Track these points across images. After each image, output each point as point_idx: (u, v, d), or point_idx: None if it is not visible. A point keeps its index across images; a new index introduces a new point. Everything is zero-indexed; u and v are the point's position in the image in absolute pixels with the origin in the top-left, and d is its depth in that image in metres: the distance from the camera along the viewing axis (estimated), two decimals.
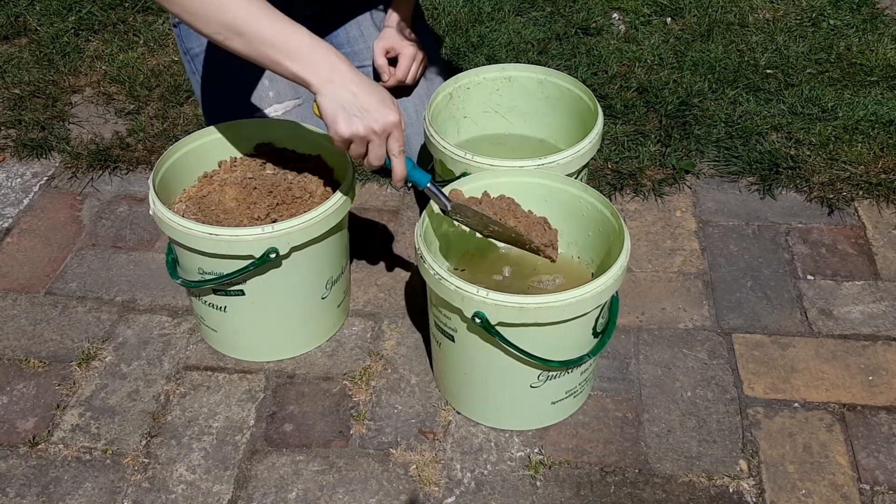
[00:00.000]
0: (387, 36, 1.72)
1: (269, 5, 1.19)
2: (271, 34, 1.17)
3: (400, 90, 1.74)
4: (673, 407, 1.40)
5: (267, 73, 1.68)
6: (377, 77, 1.73)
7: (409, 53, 1.69)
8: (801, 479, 1.29)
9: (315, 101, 1.19)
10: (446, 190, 1.32)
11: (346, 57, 1.78)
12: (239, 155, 1.53)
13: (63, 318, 1.57)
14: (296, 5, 1.77)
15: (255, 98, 1.66)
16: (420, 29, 1.78)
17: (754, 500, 1.27)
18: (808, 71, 2.17)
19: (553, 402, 1.33)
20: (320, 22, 1.86)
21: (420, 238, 1.27)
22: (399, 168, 1.24)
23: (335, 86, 1.17)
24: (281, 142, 1.53)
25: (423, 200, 1.82)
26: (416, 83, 1.74)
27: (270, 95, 1.67)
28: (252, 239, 1.29)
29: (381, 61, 1.70)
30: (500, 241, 1.39)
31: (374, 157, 1.21)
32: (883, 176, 1.83)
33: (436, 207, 1.32)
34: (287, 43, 1.17)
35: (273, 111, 1.66)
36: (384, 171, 1.26)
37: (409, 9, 1.75)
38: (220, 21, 1.17)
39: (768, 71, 2.18)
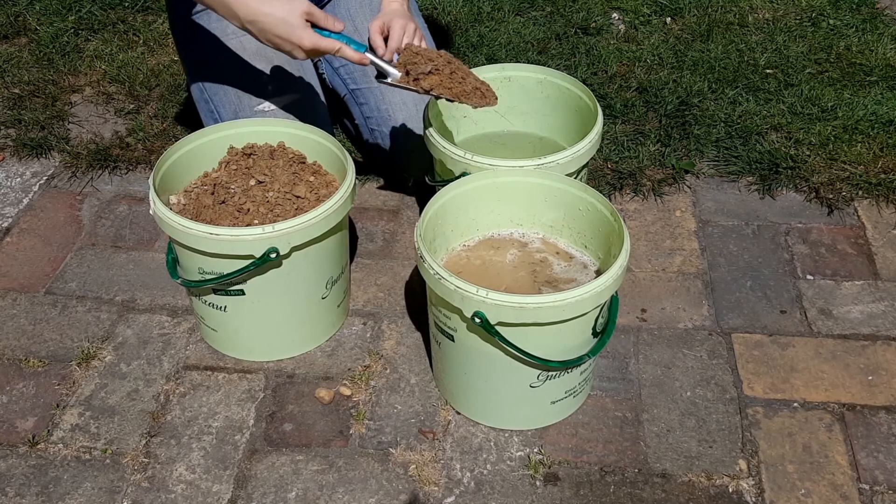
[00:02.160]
0: (380, 15, 1.72)
1: None
2: None
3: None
4: (672, 407, 1.40)
5: (266, 68, 1.68)
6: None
7: (398, 25, 1.68)
8: (800, 479, 1.29)
9: None
10: None
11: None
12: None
13: (63, 317, 1.57)
14: None
15: (254, 92, 1.66)
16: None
17: (754, 499, 1.27)
18: (808, 71, 2.17)
19: (553, 402, 1.33)
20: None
21: (420, 238, 1.27)
22: (350, 55, 1.41)
23: (252, 36, 1.39)
24: (280, 141, 1.54)
25: (422, 200, 1.82)
26: None
27: (269, 90, 1.67)
28: (252, 239, 1.29)
29: (376, 39, 1.70)
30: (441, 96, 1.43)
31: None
32: (882, 176, 1.83)
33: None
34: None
35: (273, 104, 1.66)
36: None
37: None
38: None
39: (768, 71, 2.18)
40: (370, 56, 1.41)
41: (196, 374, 1.47)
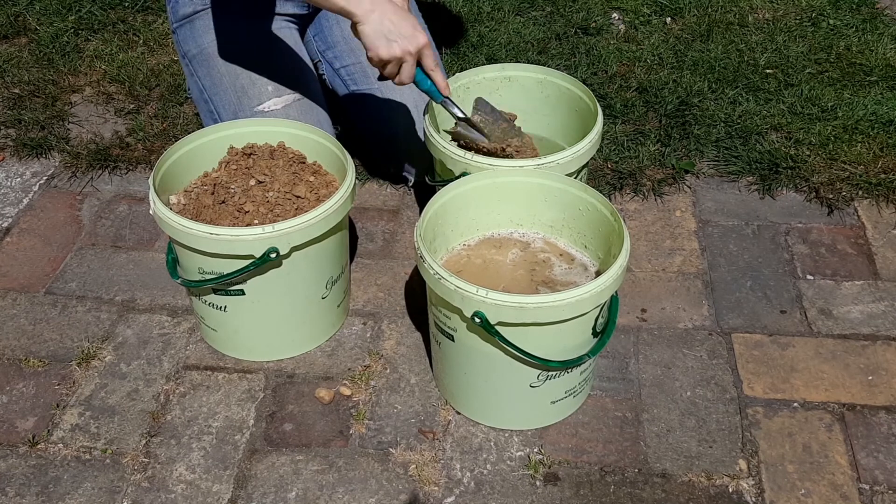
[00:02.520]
0: None
1: None
2: None
3: None
4: (672, 407, 1.40)
5: (266, 68, 1.68)
6: None
7: None
8: (800, 479, 1.29)
9: (356, 28, 1.37)
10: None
11: (336, 57, 1.78)
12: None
13: (63, 317, 1.57)
14: (288, 6, 1.77)
15: (254, 93, 1.66)
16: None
17: (754, 499, 1.27)
18: (808, 71, 2.17)
19: (553, 402, 1.33)
20: (310, 24, 1.86)
21: (420, 238, 1.27)
22: (439, 79, 1.43)
23: (376, 15, 1.34)
24: (280, 141, 1.54)
25: (422, 200, 1.82)
26: None
27: (269, 90, 1.67)
28: (252, 239, 1.29)
29: None
30: (495, 156, 1.49)
31: (406, 76, 1.40)
32: (882, 176, 1.83)
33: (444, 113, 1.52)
34: None
35: (273, 105, 1.66)
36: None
37: None
38: None
39: (768, 71, 2.18)
40: (449, 93, 1.46)
41: (196, 374, 1.47)
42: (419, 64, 1.40)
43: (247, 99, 1.67)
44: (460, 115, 1.48)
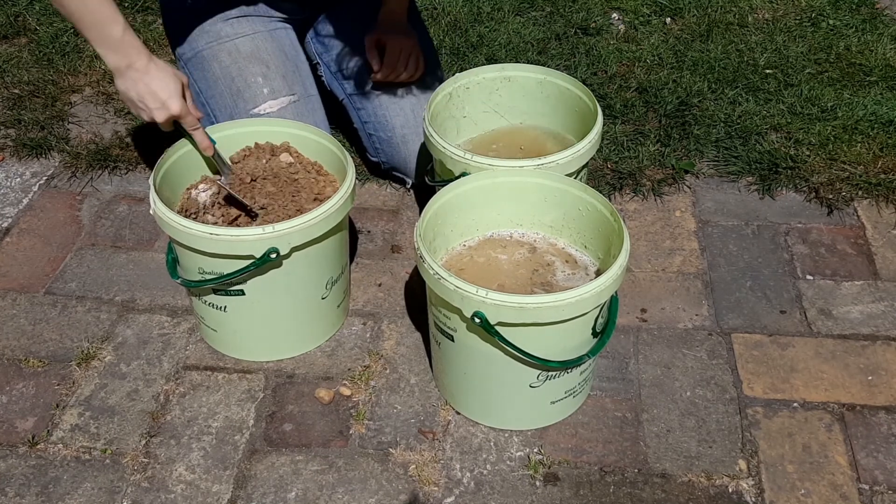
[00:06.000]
0: (377, 29, 1.72)
1: None
2: (90, 18, 1.33)
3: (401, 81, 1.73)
4: (672, 407, 1.40)
5: (261, 70, 1.68)
6: (370, 69, 1.73)
7: (394, 45, 1.68)
8: (800, 479, 1.29)
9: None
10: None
11: (334, 59, 1.79)
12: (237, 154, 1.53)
13: (62, 317, 1.57)
14: (284, 8, 1.77)
15: (250, 95, 1.66)
16: (415, 27, 1.78)
17: (753, 499, 1.27)
18: (808, 71, 2.17)
19: (552, 402, 1.33)
20: (307, 25, 1.86)
21: (420, 238, 1.27)
22: (200, 138, 1.43)
23: (131, 74, 1.35)
24: (279, 140, 1.54)
25: (422, 200, 1.82)
26: (415, 74, 1.73)
27: (265, 92, 1.67)
28: (252, 239, 1.29)
29: (371, 54, 1.70)
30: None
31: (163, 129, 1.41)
32: (882, 176, 1.83)
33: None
34: (101, 30, 1.33)
35: (268, 107, 1.66)
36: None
37: (403, 4, 1.75)
38: None
39: (768, 71, 2.18)
40: (211, 152, 1.45)
41: (196, 374, 1.47)
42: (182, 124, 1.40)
43: (242, 102, 1.66)
44: (226, 168, 1.47)
